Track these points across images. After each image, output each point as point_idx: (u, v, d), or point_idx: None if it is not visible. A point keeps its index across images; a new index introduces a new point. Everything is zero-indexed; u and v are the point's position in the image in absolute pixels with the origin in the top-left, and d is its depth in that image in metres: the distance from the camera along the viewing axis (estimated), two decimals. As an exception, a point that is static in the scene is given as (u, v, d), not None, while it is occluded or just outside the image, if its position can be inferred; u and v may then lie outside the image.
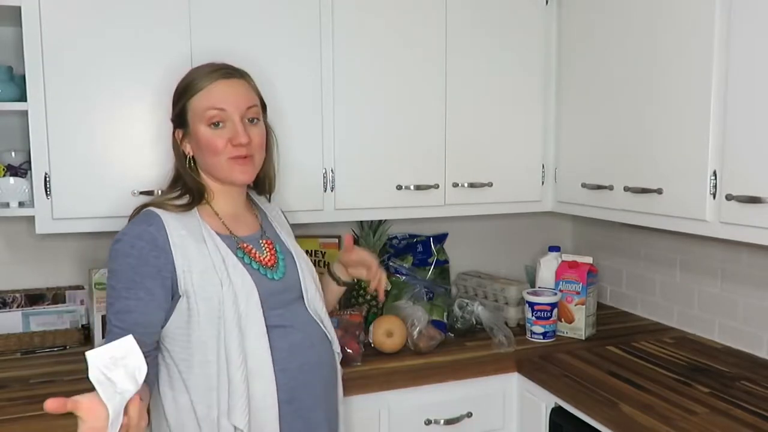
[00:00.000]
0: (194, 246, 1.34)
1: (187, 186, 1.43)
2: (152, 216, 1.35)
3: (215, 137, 1.39)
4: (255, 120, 1.43)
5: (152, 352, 1.33)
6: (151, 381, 1.34)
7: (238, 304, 1.33)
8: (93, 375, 1.03)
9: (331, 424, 1.49)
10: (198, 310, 1.32)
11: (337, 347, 1.53)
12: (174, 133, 1.47)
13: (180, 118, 1.44)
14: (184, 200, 1.41)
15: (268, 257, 1.46)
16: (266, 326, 1.35)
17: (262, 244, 1.47)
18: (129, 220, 1.39)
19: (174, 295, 1.33)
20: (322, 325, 1.49)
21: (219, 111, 1.38)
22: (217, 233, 1.40)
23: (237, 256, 1.39)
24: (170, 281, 1.32)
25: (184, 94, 1.42)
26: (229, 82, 1.41)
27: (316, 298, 1.50)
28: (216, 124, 1.39)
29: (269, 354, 1.35)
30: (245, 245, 1.43)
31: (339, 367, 1.55)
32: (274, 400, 1.34)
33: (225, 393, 1.31)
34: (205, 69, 1.43)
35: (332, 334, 1.52)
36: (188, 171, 1.44)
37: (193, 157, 1.45)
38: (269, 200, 1.63)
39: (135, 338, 1.10)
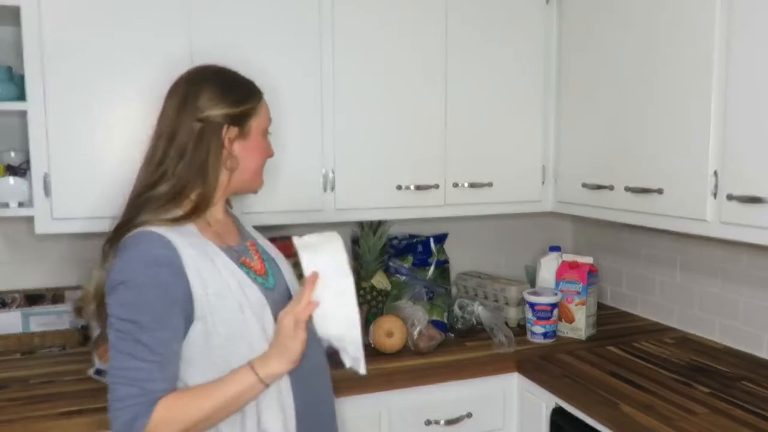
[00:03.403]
0: (205, 266, 1.26)
1: (195, 193, 1.32)
2: (158, 237, 1.25)
3: (267, 147, 1.44)
4: None
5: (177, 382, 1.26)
6: None
7: (261, 320, 1.29)
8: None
9: (334, 418, 1.50)
10: (217, 331, 1.25)
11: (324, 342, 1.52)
12: (222, 130, 1.33)
13: (244, 118, 1.36)
14: (178, 212, 1.30)
15: (259, 265, 1.42)
16: None
17: (250, 251, 1.44)
18: (118, 245, 1.27)
19: (187, 321, 1.24)
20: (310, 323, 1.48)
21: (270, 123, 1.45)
22: (218, 247, 1.34)
23: (242, 270, 1.34)
24: (191, 307, 1.24)
25: (252, 96, 1.39)
26: None
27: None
28: (266, 134, 1.44)
29: None
30: (243, 258, 1.39)
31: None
32: (292, 411, 1.33)
33: (252, 406, 1.27)
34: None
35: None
36: (217, 174, 1.34)
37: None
38: (231, 207, 1.58)
39: (168, 374, 1.21)
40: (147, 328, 1.19)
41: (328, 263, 1.22)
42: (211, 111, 1.32)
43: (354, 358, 1.27)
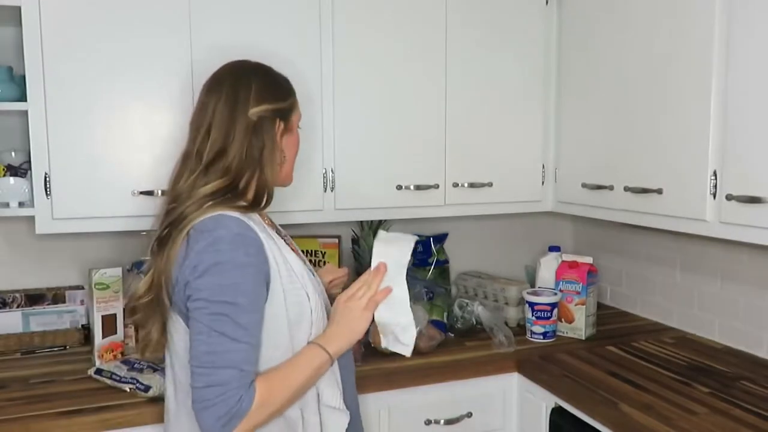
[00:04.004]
0: (276, 251, 1.30)
1: (253, 186, 1.34)
2: (238, 219, 1.26)
3: (299, 140, 1.47)
4: None
5: None
6: None
7: (321, 303, 1.36)
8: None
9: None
10: (286, 315, 1.28)
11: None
12: (275, 124, 1.36)
13: (289, 112, 1.40)
14: (242, 203, 1.33)
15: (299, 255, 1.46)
16: None
17: (288, 243, 1.46)
18: (182, 234, 1.25)
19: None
20: None
21: None
22: (277, 234, 1.38)
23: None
24: (268, 290, 1.26)
25: (292, 90, 1.43)
26: None
27: (324, 292, 1.51)
28: (298, 128, 1.46)
29: None
30: (291, 247, 1.42)
31: None
32: (341, 385, 1.38)
33: (313, 388, 1.32)
34: None
35: None
36: (273, 166, 1.36)
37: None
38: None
39: (258, 356, 1.24)
40: (246, 310, 1.20)
41: (394, 259, 1.37)
42: (264, 105, 1.34)
43: (403, 343, 1.40)
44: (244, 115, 1.32)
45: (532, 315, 2.12)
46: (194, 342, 1.20)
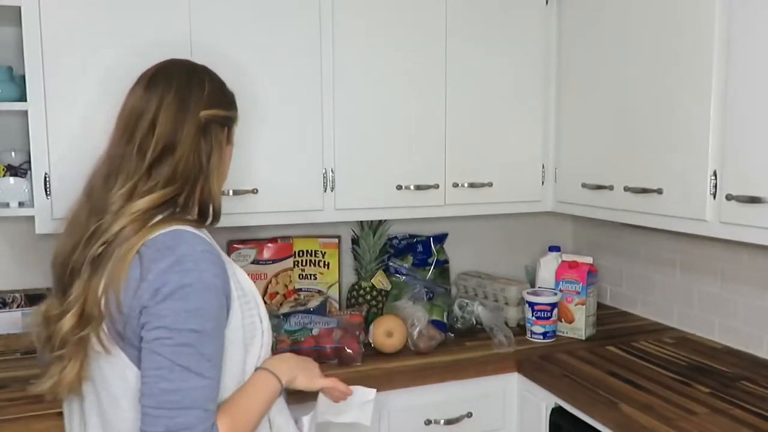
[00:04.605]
0: (229, 268, 1.18)
1: (196, 196, 1.21)
2: (197, 235, 1.14)
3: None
4: None
5: None
6: None
7: (268, 328, 1.27)
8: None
9: None
10: (242, 339, 1.18)
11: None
12: (223, 132, 1.27)
13: (232, 122, 1.31)
14: (189, 216, 1.20)
15: None
16: None
17: None
18: (147, 252, 1.09)
19: None
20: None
21: None
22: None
23: None
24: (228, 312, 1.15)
25: (236, 104, 1.33)
26: None
27: None
28: None
29: None
30: None
31: None
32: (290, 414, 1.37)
33: (265, 418, 1.26)
34: None
35: None
36: (217, 175, 1.25)
37: None
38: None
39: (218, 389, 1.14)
40: (210, 336, 1.08)
41: (353, 411, 1.51)
42: (215, 110, 1.24)
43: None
44: (195, 115, 1.19)
45: (532, 315, 2.12)
46: (151, 378, 1.04)
